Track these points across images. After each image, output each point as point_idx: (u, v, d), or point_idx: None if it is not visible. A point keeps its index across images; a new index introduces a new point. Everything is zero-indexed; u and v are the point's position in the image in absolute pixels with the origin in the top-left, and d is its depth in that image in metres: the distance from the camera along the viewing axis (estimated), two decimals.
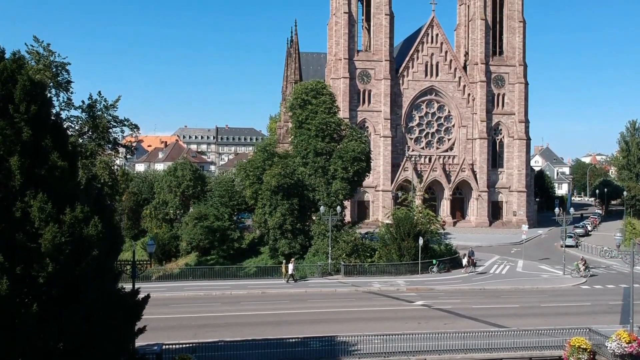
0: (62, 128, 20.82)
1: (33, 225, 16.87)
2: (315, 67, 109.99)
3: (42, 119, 18.57)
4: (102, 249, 18.80)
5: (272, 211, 59.73)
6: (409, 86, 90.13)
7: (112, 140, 49.22)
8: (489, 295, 41.16)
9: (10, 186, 17.05)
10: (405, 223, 49.36)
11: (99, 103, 46.82)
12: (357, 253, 49.67)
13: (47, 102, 19.53)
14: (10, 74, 18.39)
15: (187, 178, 78.18)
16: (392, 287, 43.24)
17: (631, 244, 63.17)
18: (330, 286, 43.78)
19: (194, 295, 40.64)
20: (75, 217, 17.63)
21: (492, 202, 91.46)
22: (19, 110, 18.07)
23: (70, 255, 17.11)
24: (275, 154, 64.92)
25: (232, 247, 69.05)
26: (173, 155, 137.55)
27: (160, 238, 76.05)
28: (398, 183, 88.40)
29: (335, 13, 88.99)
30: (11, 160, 17.10)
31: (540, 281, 46.87)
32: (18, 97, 18.16)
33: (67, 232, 17.11)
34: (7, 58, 19.20)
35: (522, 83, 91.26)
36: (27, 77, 18.49)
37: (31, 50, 45.54)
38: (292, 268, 46.07)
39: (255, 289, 42.52)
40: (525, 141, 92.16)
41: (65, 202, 17.91)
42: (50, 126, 19.05)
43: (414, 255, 48.30)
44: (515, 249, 65.28)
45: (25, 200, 17.04)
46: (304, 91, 63.40)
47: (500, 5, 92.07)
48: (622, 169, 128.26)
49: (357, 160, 59.89)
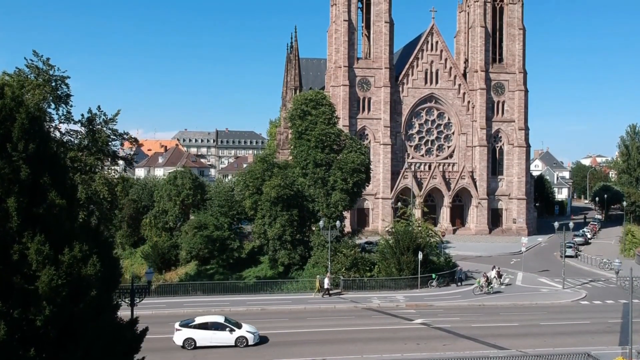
0: (61, 162, 20.79)
1: (30, 268, 16.83)
2: (315, 73, 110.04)
3: (40, 156, 18.59)
4: (101, 286, 18.86)
5: (271, 222, 59.78)
6: (408, 94, 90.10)
7: (112, 154, 49.33)
8: (488, 313, 41.13)
9: (7, 228, 17.04)
10: (405, 237, 49.36)
11: (98, 117, 46.89)
12: (356, 267, 49.67)
13: (46, 138, 19.51)
14: (8, 112, 18.37)
15: (186, 187, 78.10)
16: (391, 304, 43.22)
17: (628, 258, 63.10)
18: (329, 302, 43.74)
19: (194, 312, 40.55)
20: (73, 257, 17.60)
21: (492, 209, 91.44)
22: (17, 148, 18.05)
23: (68, 296, 17.09)
24: (275, 165, 64.89)
25: (231, 256, 68.95)
26: (173, 160, 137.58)
27: (159, 247, 76.09)
28: (398, 191, 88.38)
29: (335, 21, 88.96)
30: (9, 201, 17.09)
31: (540, 296, 46.83)
32: (16, 135, 18.13)
33: (65, 273, 17.10)
34: (6, 86, 19.17)
35: (521, 90, 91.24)
36: (25, 114, 18.46)
37: (31, 65, 45.71)
38: (327, 283, 45.67)
39: (255, 305, 42.46)
40: (525, 148, 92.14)
41: (64, 241, 17.89)
42: (48, 162, 19.05)
43: (413, 270, 48.28)
44: (514, 259, 65.25)
45: (23, 242, 17.03)
46: (304, 102, 63.34)
47: (500, 12, 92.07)
48: (622, 173, 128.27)
49: (356, 171, 59.85)
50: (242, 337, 31.95)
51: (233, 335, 31.94)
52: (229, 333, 32.03)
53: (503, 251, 72.84)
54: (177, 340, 31.62)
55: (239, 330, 32.20)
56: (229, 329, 32.17)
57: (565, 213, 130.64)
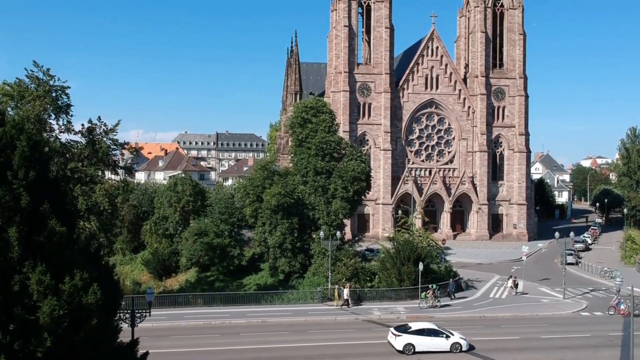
0: (61, 188, 20.79)
1: (31, 298, 16.82)
2: (315, 77, 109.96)
3: (40, 183, 18.56)
4: (102, 312, 18.85)
5: (272, 230, 59.76)
6: (409, 99, 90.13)
7: (112, 163, 49.31)
8: (489, 325, 41.08)
9: (8, 258, 17.04)
10: (406, 248, 49.33)
11: (98, 127, 46.86)
12: (357, 277, 49.59)
13: (46, 164, 19.50)
14: (9, 140, 18.36)
15: (187, 193, 78.08)
16: (392, 315, 43.15)
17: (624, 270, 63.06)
18: (330, 314, 43.70)
19: (194, 325, 40.58)
20: (74, 286, 17.58)
21: (492, 214, 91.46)
22: (17, 176, 18.05)
23: (69, 326, 17.08)
24: (275, 172, 64.85)
25: (232, 263, 68.97)
26: (173, 164, 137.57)
27: (160, 253, 76.13)
28: (398, 196, 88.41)
29: (336, 26, 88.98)
30: (10, 231, 17.07)
31: (541, 307, 46.78)
32: (17, 163, 18.12)
33: (66, 302, 17.07)
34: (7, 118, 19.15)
35: (522, 96, 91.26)
36: (26, 142, 18.45)
37: (31, 75, 45.71)
38: (347, 293, 45.63)
39: (255, 317, 42.40)
40: (526, 154, 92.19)
41: (64, 269, 17.87)
42: (48, 188, 19.03)
43: (414, 280, 48.22)
44: (515, 267, 65.15)
45: (24, 272, 17.02)
46: (304, 109, 63.29)
47: (500, 18, 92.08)
48: (623, 176, 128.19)
49: (357, 179, 59.81)
50: (457, 343, 33.64)
51: (449, 342, 33.56)
52: (445, 339, 33.71)
53: (504, 258, 72.79)
54: (398, 345, 33.36)
55: (453, 336, 33.90)
56: (445, 335, 33.89)
57: (565, 216, 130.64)
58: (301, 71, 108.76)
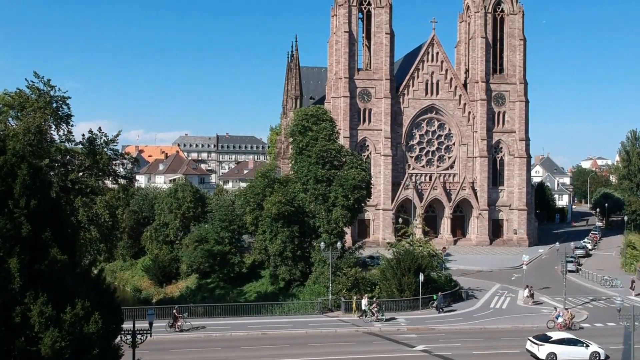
0: (62, 214, 20.77)
1: (33, 329, 16.83)
2: (315, 81, 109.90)
3: (41, 211, 18.55)
4: (103, 340, 18.88)
5: (272, 238, 59.82)
6: (409, 104, 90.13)
7: (113, 173, 49.37)
8: (490, 337, 41.05)
9: (9, 289, 17.04)
10: (406, 258, 49.34)
11: (99, 139, 46.88)
12: (357, 288, 49.57)
13: (47, 192, 19.51)
14: (10, 168, 18.37)
15: (187, 199, 78.12)
16: (392, 327, 43.17)
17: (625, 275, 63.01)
18: (330, 326, 43.68)
19: (195, 337, 40.58)
20: (75, 315, 17.61)
21: (493, 220, 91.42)
22: (18, 205, 18.06)
23: (71, 357, 17.09)
24: (275, 180, 64.88)
25: (232, 270, 69.03)
26: (174, 167, 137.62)
27: (160, 260, 76.19)
28: (399, 202, 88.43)
29: (336, 32, 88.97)
30: (11, 262, 17.07)
31: (541, 318, 46.68)
32: (18, 192, 18.14)
33: (67, 332, 17.07)
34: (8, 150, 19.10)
35: (522, 101, 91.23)
36: (27, 170, 18.45)
37: (31, 86, 45.71)
38: (365, 304, 45.81)
39: (256, 329, 42.39)
40: (526, 159, 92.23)
41: (66, 298, 17.90)
42: (49, 215, 19.00)
43: (414, 291, 48.22)
44: (515, 275, 65.15)
45: (25, 302, 17.02)
46: (304, 117, 63.31)
47: (500, 23, 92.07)
48: (623, 179, 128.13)
49: (357, 188, 59.79)
50: (595, 352, 35.37)
51: (588, 350, 35.41)
52: (584, 348, 35.58)
53: (504, 265, 72.76)
54: (541, 354, 34.94)
55: (592, 346, 35.72)
56: (585, 345, 35.73)
57: (566, 220, 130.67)
58: (301, 75, 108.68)
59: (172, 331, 41.13)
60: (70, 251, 19.20)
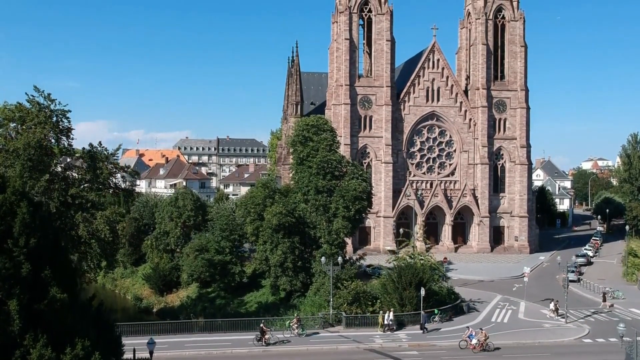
0: (62, 251, 20.66)
1: None
2: (316, 87, 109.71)
3: (41, 249, 18.44)
4: None
5: (273, 249, 59.74)
6: (410, 111, 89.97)
7: (113, 185, 49.31)
8: (491, 355, 40.85)
9: (9, 332, 16.94)
10: (407, 272, 49.18)
11: (99, 153, 46.81)
12: (358, 302, 49.41)
13: (47, 229, 19.35)
14: (9, 207, 18.26)
15: (188, 208, 78.00)
16: (393, 343, 43.02)
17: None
18: (331, 342, 43.53)
19: (196, 355, 40.48)
20: (76, 356, 17.52)
21: (494, 227, 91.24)
22: (18, 244, 17.97)
23: None
24: (276, 191, 64.75)
25: (232, 280, 68.84)
26: (174, 172, 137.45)
27: (161, 269, 76.03)
28: (399, 209, 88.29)
29: (337, 39, 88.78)
30: (10, 304, 16.97)
31: (543, 333, 46.62)
32: (17, 230, 18.04)
33: None
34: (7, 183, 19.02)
35: (523, 108, 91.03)
36: (26, 208, 18.34)
37: (32, 100, 45.71)
38: (388, 318, 45.99)
39: (257, 346, 42.20)
40: (527, 166, 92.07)
41: (66, 338, 17.79)
42: (49, 254, 18.87)
43: (415, 305, 48.05)
44: (517, 285, 64.94)
45: (25, 345, 16.92)
46: (305, 127, 63.06)
47: (501, 30, 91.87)
48: (624, 182, 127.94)
49: (358, 199, 59.52)
50: None
51: None
52: None
53: (505, 274, 72.51)
54: None
55: None
56: None
57: (567, 225, 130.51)
58: (302, 81, 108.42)
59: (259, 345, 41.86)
60: (71, 289, 19.10)
